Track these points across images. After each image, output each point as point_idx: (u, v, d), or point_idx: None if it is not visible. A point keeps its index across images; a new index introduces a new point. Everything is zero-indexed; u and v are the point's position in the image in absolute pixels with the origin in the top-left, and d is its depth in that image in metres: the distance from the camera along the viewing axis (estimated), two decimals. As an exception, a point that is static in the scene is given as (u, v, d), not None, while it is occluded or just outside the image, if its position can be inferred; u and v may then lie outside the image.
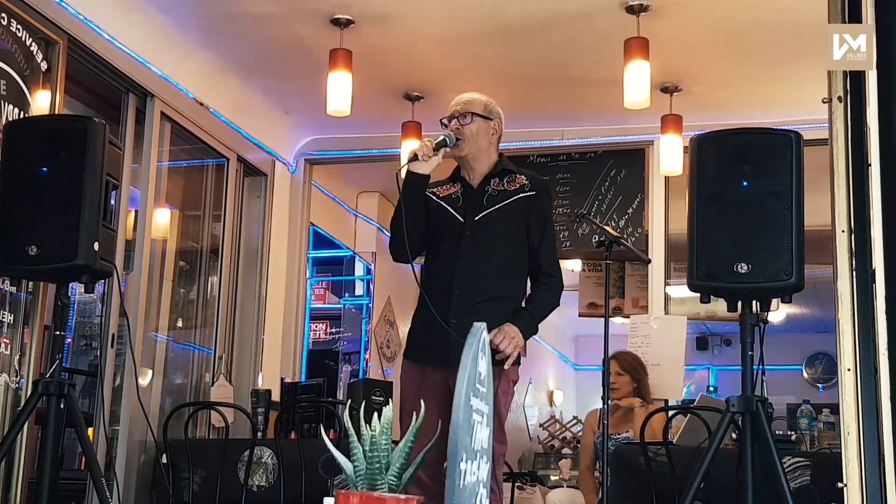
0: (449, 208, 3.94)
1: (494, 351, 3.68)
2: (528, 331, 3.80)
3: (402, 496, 1.72)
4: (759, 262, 3.61)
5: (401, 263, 3.87)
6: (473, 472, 1.36)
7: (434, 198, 3.98)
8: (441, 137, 3.85)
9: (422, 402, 2.27)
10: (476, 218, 3.88)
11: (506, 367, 3.71)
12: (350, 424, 1.81)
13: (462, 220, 3.89)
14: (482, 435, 1.42)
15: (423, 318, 3.85)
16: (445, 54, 6.09)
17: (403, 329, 8.46)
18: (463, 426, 1.32)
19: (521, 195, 3.91)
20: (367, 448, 1.77)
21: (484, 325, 1.48)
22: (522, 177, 3.97)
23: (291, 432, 5.68)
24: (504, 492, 5.96)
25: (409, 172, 3.84)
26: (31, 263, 3.90)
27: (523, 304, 3.89)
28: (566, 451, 10.57)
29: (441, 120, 4.01)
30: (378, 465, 1.75)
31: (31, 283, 4.47)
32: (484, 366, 1.45)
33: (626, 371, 5.74)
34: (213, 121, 6.34)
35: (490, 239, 3.86)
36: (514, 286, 3.90)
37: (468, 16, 5.59)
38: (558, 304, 3.96)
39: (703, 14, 5.45)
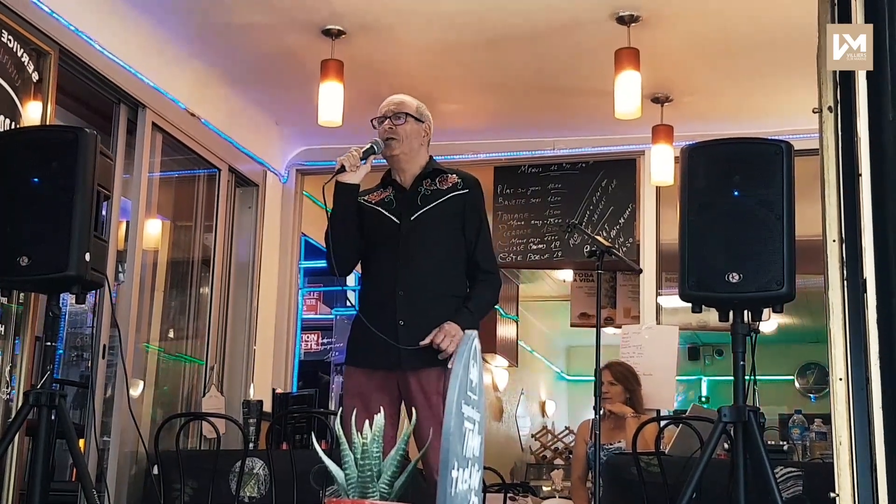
0: (383, 211, 3.95)
1: (437, 350, 3.72)
2: (470, 328, 3.81)
3: (394, 505, 1.72)
4: (750, 272, 3.61)
5: (342, 276, 3.90)
6: (465, 479, 1.36)
7: (367, 204, 3.99)
8: (368, 145, 3.87)
9: (413, 409, 2.28)
10: (412, 218, 3.89)
11: (449, 365, 3.71)
12: (341, 433, 1.81)
13: (398, 221, 3.90)
14: (474, 442, 1.42)
15: (365, 324, 3.82)
16: (437, 65, 6.10)
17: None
18: (454, 434, 1.31)
19: (455, 193, 3.93)
20: (358, 456, 1.77)
21: (475, 332, 1.47)
22: (454, 175, 3.99)
23: (283, 443, 5.67)
24: (494, 502, 5.97)
25: (338, 184, 3.84)
26: (22, 274, 3.89)
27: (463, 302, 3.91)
28: (558, 461, 10.55)
29: (371, 120, 4.01)
30: (369, 473, 1.75)
31: (21, 294, 4.46)
32: (476, 373, 1.45)
33: (618, 381, 5.74)
34: (204, 131, 6.34)
35: (428, 238, 3.88)
36: (456, 283, 3.92)
37: (459, 27, 5.60)
38: (497, 301, 4.04)
39: (694, 24, 5.47)
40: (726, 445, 4.20)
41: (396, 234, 3.88)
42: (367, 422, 1.86)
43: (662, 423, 5.10)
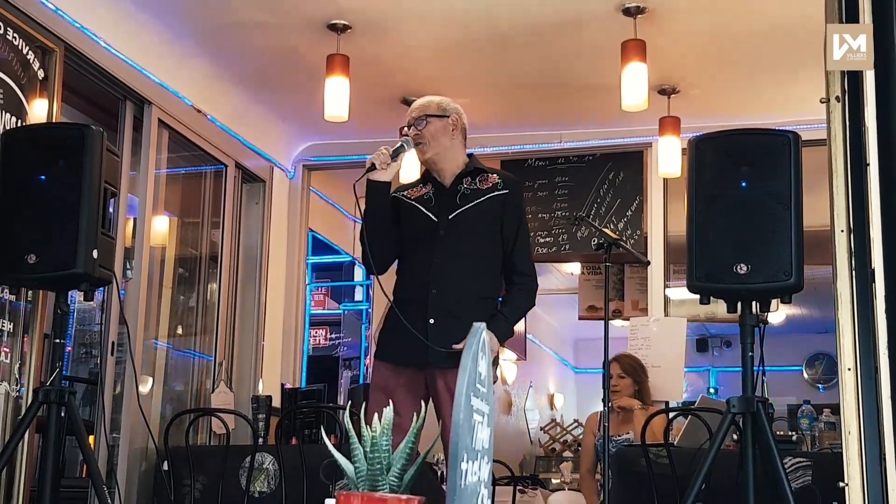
0: (421, 208, 3.94)
1: None
2: (504, 335, 3.82)
3: (404, 496, 1.72)
4: (758, 263, 3.61)
5: (379, 275, 3.89)
6: (475, 472, 1.36)
7: (405, 199, 3.99)
8: (399, 144, 3.87)
9: (421, 403, 2.30)
10: (450, 216, 3.88)
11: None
12: (351, 427, 1.82)
13: (436, 219, 3.89)
14: (483, 435, 1.42)
15: (397, 319, 3.81)
16: (443, 59, 6.09)
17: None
18: (464, 426, 1.32)
19: (495, 193, 3.91)
20: (367, 449, 1.77)
21: (483, 325, 1.48)
22: (495, 175, 3.98)
23: (292, 438, 5.68)
24: (503, 495, 5.97)
25: (369, 182, 3.84)
26: (31, 272, 3.90)
27: (498, 305, 3.90)
28: (567, 454, 10.55)
29: (400, 128, 4.01)
30: (379, 466, 1.76)
31: (30, 292, 4.47)
32: (484, 366, 1.45)
33: (628, 374, 5.73)
34: (210, 128, 6.35)
35: (464, 237, 3.87)
36: (491, 284, 3.90)
37: (465, 21, 5.59)
38: (533, 305, 3.98)
39: (701, 16, 5.46)
40: (735, 436, 4.20)
41: (434, 232, 3.87)
42: (375, 416, 1.86)
43: (671, 414, 5.10)
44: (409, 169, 5.84)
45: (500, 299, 3.95)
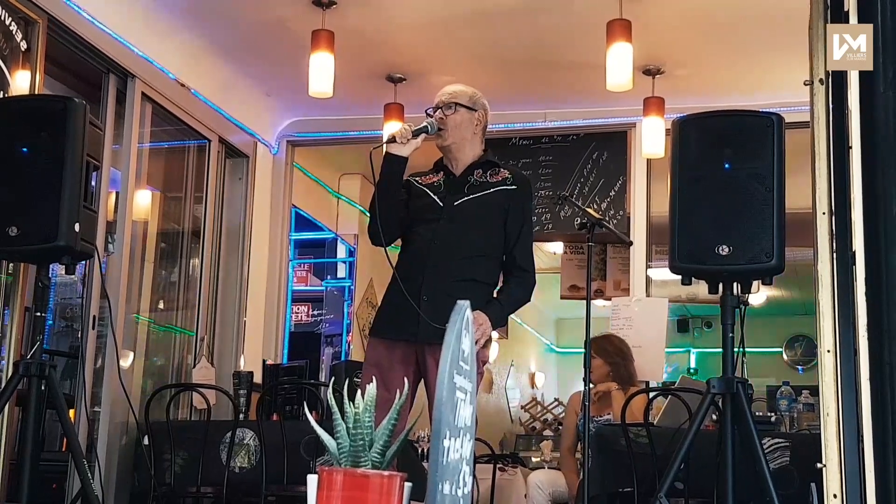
0: (430, 193, 4.00)
1: None
2: (498, 321, 3.86)
3: (386, 473, 1.73)
4: (740, 245, 3.63)
5: (379, 247, 3.90)
6: (457, 449, 1.37)
7: (416, 184, 4.05)
8: (423, 124, 3.92)
9: (405, 380, 2.30)
10: (455, 203, 3.94)
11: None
12: (334, 403, 1.83)
13: (441, 204, 3.95)
14: (465, 412, 1.43)
15: (393, 296, 3.89)
16: (429, 36, 6.07)
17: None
18: (446, 403, 1.32)
19: (503, 188, 3.97)
20: (350, 425, 1.78)
21: (467, 302, 1.48)
22: (506, 171, 4.04)
23: (273, 414, 5.68)
24: (483, 473, 6.00)
25: (386, 154, 3.89)
26: (12, 244, 3.88)
27: (495, 295, 3.94)
28: (547, 432, 10.58)
29: (426, 110, 4.05)
30: (361, 443, 1.76)
31: (11, 265, 4.46)
32: (468, 343, 1.45)
33: (597, 354, 5.68)
34: (194, 102, 6.31)
35: (466, 224, 3.92)
36: (487, 272, 3.95)
37: (451, -2, 5.57)
38: (529, 300, 4.03)
39: (686, -3, 5.45)
40: (714, 417, 4.23)
41: (437, 216, 3.93)
42: (358, 392, 1.87)
43: (651, 394, 5.12)
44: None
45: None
